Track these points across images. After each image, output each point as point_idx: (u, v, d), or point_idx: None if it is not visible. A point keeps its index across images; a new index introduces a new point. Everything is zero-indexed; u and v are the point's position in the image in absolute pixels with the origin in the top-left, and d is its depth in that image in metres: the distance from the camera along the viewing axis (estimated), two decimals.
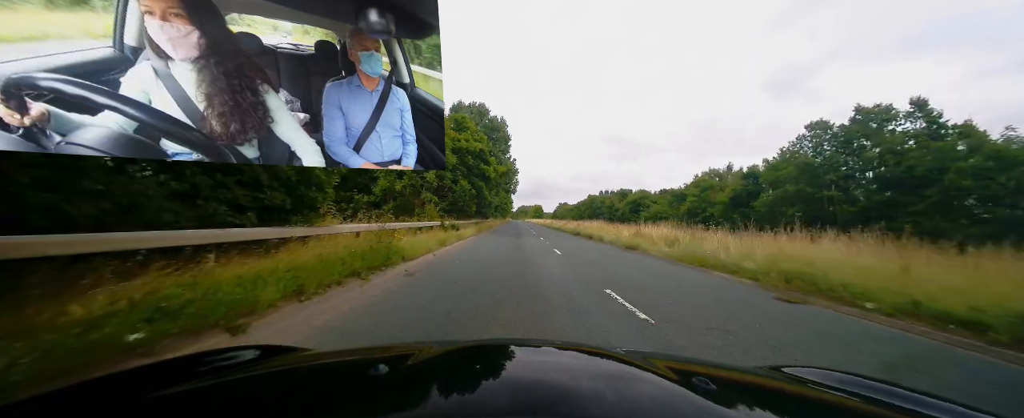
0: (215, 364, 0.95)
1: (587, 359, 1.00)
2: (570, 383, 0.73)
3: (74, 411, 0.67)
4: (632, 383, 0.78)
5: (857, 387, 0.88)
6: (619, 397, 0.66)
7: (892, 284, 5.74)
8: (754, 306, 5.48)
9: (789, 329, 4.26)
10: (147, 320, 3.06)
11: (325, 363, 1.00)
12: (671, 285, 7.06)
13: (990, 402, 2.63)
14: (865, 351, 3.62)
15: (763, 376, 0.99)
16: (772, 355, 3.36)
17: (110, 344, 2.71)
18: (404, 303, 4.86)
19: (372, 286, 5.89)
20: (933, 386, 2.53)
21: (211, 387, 0.78)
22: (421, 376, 0.82)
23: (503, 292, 5.60)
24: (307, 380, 0.84)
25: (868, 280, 6.07)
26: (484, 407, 0.60)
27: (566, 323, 4.10)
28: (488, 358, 0.99)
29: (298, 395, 0.71)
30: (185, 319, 3.27)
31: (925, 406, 0.79)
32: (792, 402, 0.82)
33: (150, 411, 0.67)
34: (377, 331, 3.69)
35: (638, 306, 5.00)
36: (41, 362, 2.31)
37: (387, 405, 0.62)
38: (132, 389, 0.78)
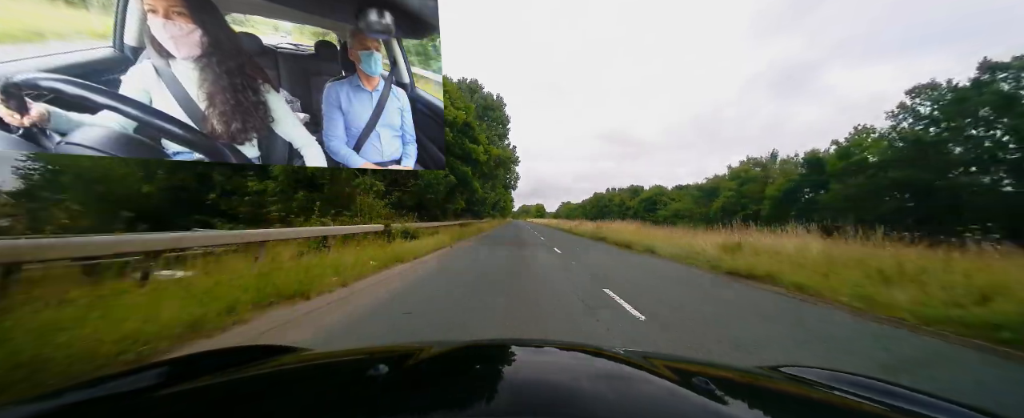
0: (215, 364, 0.95)
1: (588, 359, 1.00)
2: (571, 383, 0.73)
3: (74, 411, 0.67)
4: (633, 383, 0.78)
5: (857, 387, 0.87)
6: (620, 397, 0.66)
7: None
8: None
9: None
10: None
11: (325, 363, 0.99)
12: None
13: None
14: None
15: (763, 376, 0.99)
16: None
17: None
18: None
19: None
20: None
21: (211, 387, 0.77)
22: (421, 376, 0.82)
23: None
24: (307, 380, 0.84)
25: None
26: (485, 407, 0.60)
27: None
28: (488, 358, 0.99)
29: (298, 395, 0.70)
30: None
31: (926, 406, 0.79)
32: (792, 402, 0.82)
33: (150, 411, 0.67)
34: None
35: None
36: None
37: (387, 405, 0.62)
38: (132, 389, 0.78)
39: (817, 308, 5.27)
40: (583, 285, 6.20)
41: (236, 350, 1.08)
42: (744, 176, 48.85)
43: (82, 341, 2.49)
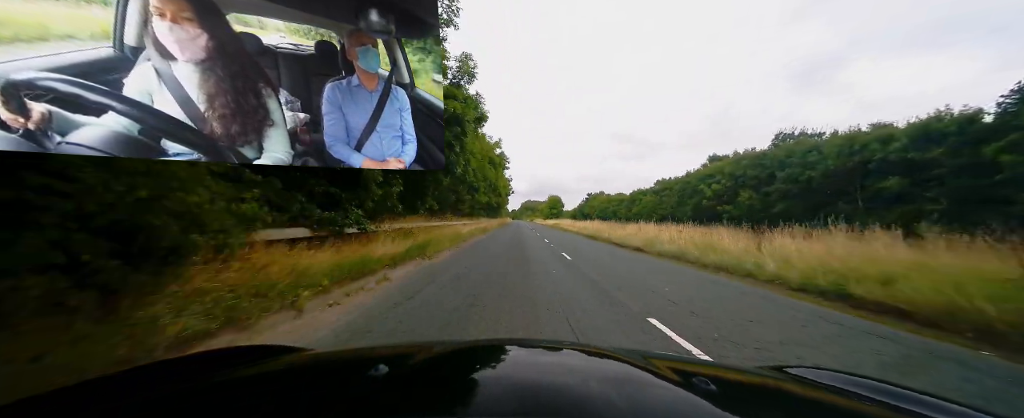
0: (216, 364, 0.95)
1: (588, 359, 1.00)
2: (576, 385, 0.73)
3: (75, 411, 0.67)
4: (634, 384, 0.78)
5: (859, 387, 0.87)
6: (621, 398, 0.66)
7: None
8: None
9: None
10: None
11: (325, 363, 0.99)
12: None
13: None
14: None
15: (764, 376, 0.98)
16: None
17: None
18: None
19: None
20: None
21: (211, 387, 0.77)
22: (422, 376, 0.81)
23: None
24: (307, 380, 0.84)
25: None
26: (485, 408, 0.60)
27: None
28: (489, 358, 0.99)
29: (298, 395, 0.70)
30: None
31: (927, 407, 0.78)
32: (794, 403, 0.82)
33: (150, 411, 0.67)
34: None
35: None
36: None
37: (387, 406, 0.62)
38: (132, 389, 0.78)
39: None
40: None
41: (236, 350, 1.08)
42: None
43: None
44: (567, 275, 7.94)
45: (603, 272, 8.69)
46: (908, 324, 4.89)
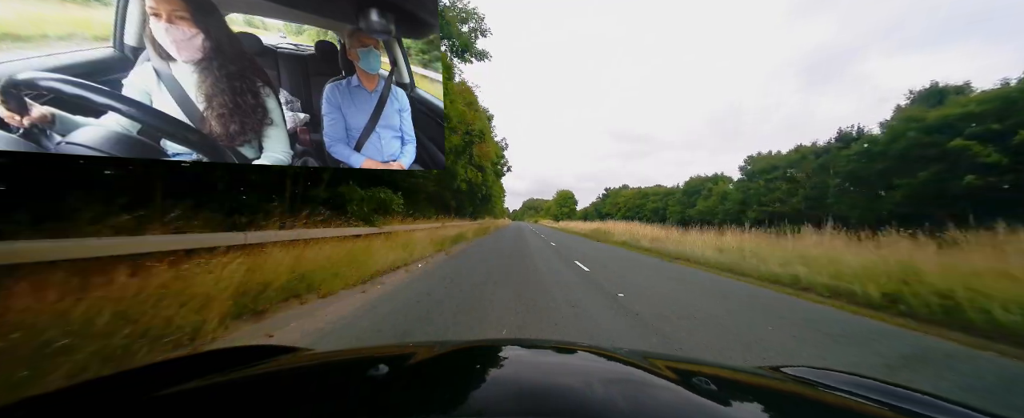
0: (215, 364, 0.95)
1: (588, 359, 1.00)
2: (577, 385, 0.73)
3: (74, 411, 0.66)
4: (634, 384, 0.77)
5: (859, 388, 0.87)
6: (621, 398, 0.66)
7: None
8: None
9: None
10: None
11: (325, 363, 0.99)
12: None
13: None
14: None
15: (764, 376, 0.98)
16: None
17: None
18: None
19: None
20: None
21: (211, 387, 0.77)
22: (422, 377, 0.81)
23: None
24: (307, 380, 0.83)
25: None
26: (485, 408, 0.60)
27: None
28: (489, 358, 0.99)
29: (298, 395, 0.70)
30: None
31: (927, 407, 0.78)
32: (793, 402, 0.82)
33: (150, 411, 0.67)
34: None
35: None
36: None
37: (387, 406, 0.62)
38: (132, 389, 0.78)
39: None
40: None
41: (236, 350, 1.08)
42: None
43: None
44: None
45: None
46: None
